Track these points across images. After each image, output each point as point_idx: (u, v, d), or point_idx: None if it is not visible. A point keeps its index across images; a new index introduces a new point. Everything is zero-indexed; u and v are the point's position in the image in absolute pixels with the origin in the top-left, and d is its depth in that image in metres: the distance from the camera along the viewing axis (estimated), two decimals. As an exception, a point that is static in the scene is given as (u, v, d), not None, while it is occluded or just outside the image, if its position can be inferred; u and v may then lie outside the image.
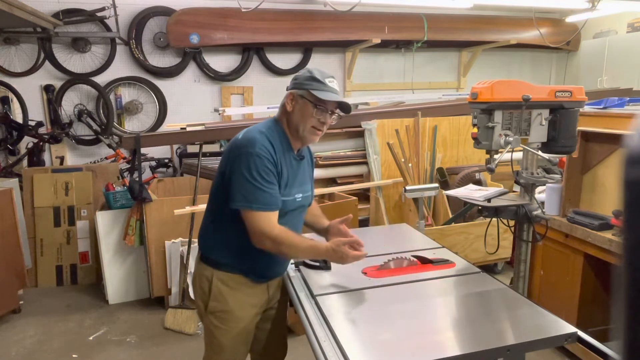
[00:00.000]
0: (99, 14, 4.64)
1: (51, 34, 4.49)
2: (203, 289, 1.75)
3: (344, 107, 1.71)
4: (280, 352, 2.04)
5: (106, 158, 4.78)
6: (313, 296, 1.66)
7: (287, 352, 2.07)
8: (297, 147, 1.74)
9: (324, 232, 1.91)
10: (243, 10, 4.01)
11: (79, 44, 4.76)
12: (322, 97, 1.62)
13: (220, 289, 1.72)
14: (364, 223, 4.19)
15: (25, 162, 4.53)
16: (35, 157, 4.56)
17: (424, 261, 1.91)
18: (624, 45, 5.30)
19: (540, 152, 2.05)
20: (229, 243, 1.71)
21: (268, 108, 5.03)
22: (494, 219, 2.31)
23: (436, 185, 3.17)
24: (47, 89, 4.74)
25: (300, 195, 1.75)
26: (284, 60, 5.47)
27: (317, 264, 1.91)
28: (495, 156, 1.98)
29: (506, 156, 2.05)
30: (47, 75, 4.75)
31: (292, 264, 1.95)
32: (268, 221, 1.59)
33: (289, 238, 1.61)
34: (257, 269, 1.74)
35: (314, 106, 1.64)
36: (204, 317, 1.78)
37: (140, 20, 4.86)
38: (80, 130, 4.87)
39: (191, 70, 5.17)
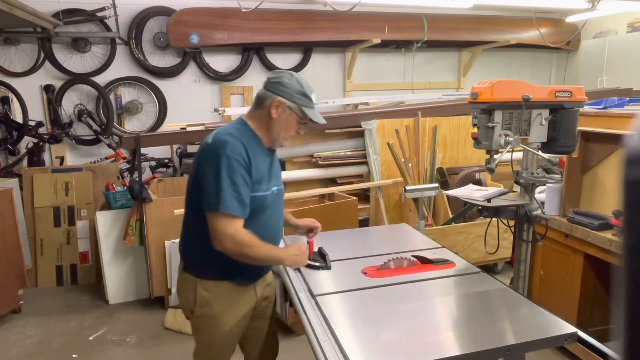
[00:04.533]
0: (99, 14, 4.64)
1: (51, 34, 4.49)
2: (187, 298, 1.75)
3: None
4: (273, 348, 2.04)
5: (106, 158, 4.77)
6: (313, 296, 1.66)
7: (278, 350, 2.06)
8: (267, 146, 1.74)
9: (294, 228, 2.04)
10: (243, 10, 4.01)
11: (79, 44, 4.76)
12: (314, 119, 1.69)
13: (205, 297, 1.71)
14: (364, 223, 4.19)
15: (25, 162, 4.53)
16: (35, 157, 4.55)
17: (424, 261, 1.91)
18: (624, 45, 5.30)
19: (540, 152, 2.05)
20: (211, 249, 1.60)
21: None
22: (494, 219, 2.31)
23: (436, 185, 3.17)
24: (47, 89, 4.74)
25: (276, 187, 1.77)
26: (284, 60, 5.47)
27: (317, 264, 1.91)
28: (495, 156, 1.98)
29: (506, 156, 2.05)
30: (47, 75, 4.75)
31: None
32: (232, 224, 1.55)
33: (251, 239, 1.59)
34: (243, 269, 1.69)
35: (300, 121, 1.70)
36: (191, 319, 1.80)
37: (140, 20, 4.86)
38: (80, 130, 4.87)
39: (191, 70, 5.17)
